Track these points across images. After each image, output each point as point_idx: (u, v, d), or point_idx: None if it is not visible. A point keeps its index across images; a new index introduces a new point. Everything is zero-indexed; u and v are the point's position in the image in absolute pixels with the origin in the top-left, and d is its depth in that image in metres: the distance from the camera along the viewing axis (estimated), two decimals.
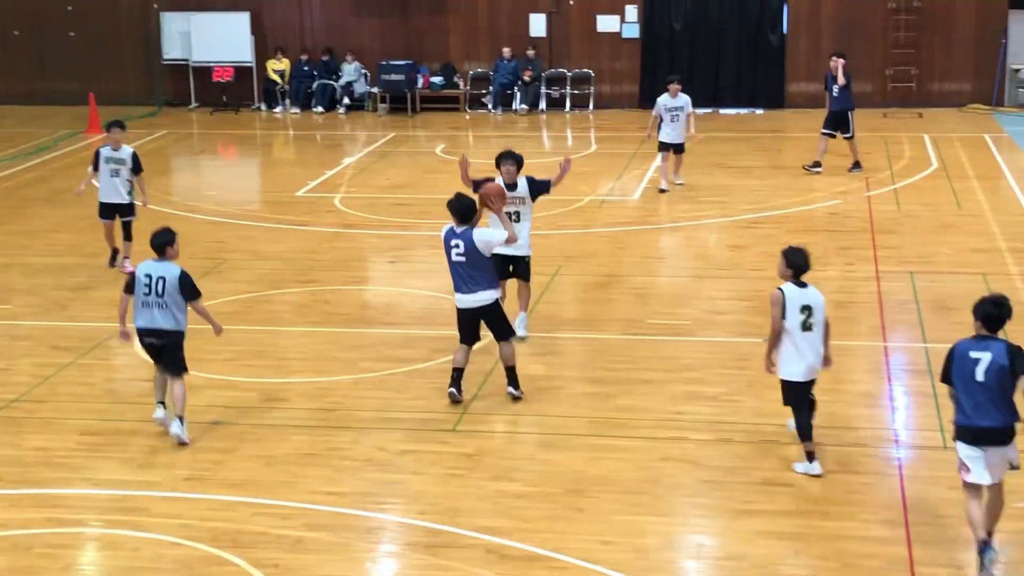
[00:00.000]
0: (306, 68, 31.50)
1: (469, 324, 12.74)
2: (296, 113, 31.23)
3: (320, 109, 31.22)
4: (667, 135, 21.62)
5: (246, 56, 31.73)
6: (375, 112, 30.82)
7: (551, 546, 9.92)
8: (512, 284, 14.46)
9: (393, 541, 10.29)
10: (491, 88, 30.91)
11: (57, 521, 10.51)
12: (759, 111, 30.15)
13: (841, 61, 22.55)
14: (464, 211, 12.50)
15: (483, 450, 11.72)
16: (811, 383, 11.08)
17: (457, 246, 12.51)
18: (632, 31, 30.71)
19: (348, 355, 14.30)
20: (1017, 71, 29.32)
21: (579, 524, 10.32)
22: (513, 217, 13.96)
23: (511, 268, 14.25)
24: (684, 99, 21.55)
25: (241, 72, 31.80)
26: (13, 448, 11.95)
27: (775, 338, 10.94)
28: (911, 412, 12.51)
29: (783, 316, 10.84)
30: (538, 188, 14.36)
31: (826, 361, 11.05)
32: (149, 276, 11.72)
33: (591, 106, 30.91)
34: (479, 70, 31.40)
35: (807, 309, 10.82)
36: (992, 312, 9.47)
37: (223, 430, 12.32)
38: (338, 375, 13.69)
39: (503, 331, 12.81)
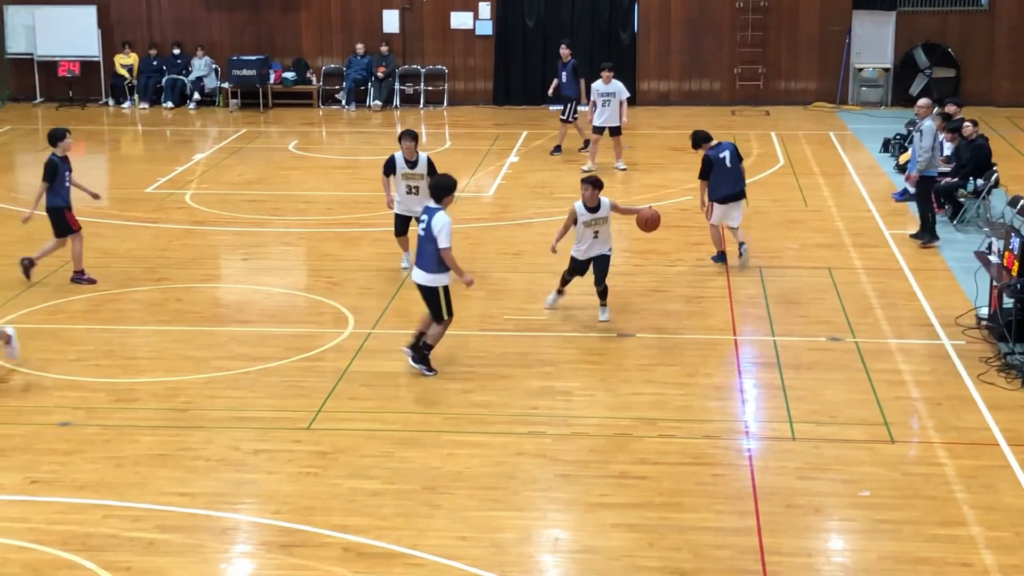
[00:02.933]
0: (155, 63, 30.96)
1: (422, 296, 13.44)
2: (145, 108, 30.69)
3: (170, 104, 30.72)
4: (599, 119, 22.73)
5: (93, 50, 31.08)
6: (226, 108, 30.44)
7: (408, 543, 9.92)
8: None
9: (248, 541, 10.18)
10: (344, 84, 30.72)
11: None
12: None
13: (568, 51, 24.57)
14: (439, 189, 13.18)
15: (338, 448, 11.67)
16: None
17: (423, 221, 13.16)
18: (485, 28, 30.77)
19: (200, 354, 14.11)
20: (860, 70, 30.03)
21: (436, 520, 10.33)
22: (413, 190, 16.06)
23: (406, 226, 16.33)
24: (616, 85, 22.71)
25: (88, 66, 31.14)
26: None
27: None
28: (761, 404, 12.76)
29: None
30: (433, 169, 15.89)
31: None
32: None
33: (445, 103, 30.90)
34: (332, 66, 31.18)
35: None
36: (705, 134, 17.08)
37: (71, 431, 12.08)
38: (190, 374, 13.50)
39: (437, 315, 13.32)
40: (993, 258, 14.69)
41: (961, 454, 11.48)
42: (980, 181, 19.22)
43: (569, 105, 24.36)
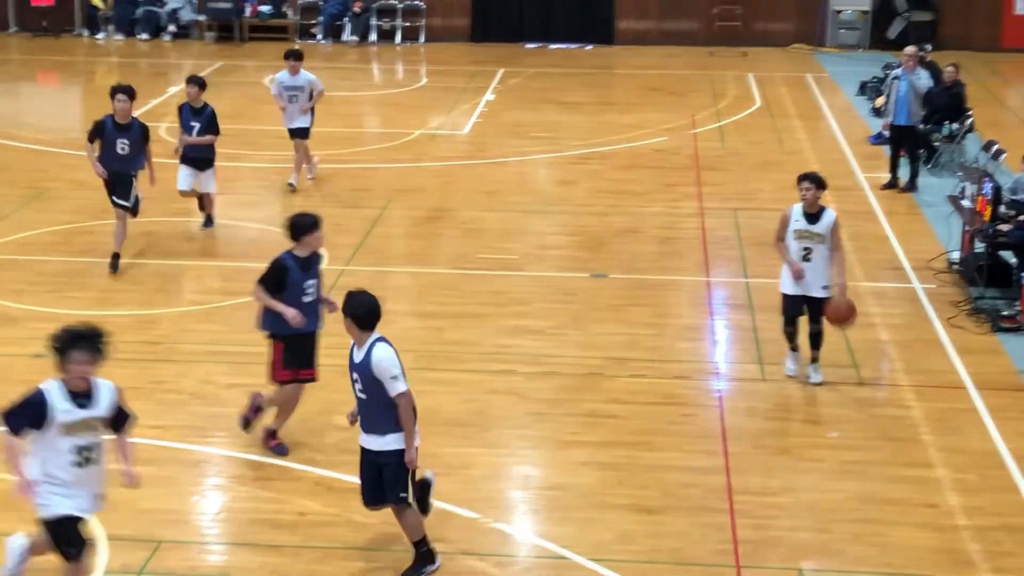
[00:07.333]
0: None
1: None
2: (120, 40, 30.42)
3: (145, 36, 30.45)
4: (286, 118, 17.71)
5: None
6: (202, 40, 30.20)
7: None
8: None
9: (220, 474, 10.23)
10: (321, 18, 30.52)
11: None
12: (588, 47, 30.32)
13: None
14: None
15: (311, 383, 11.67)
16: None
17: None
18: None
19: (174, 287, 14.10)
20: (839, 12, 29.98)
21: None
22: None
23: None
24: (306, 77, 17.57)
25: None
26: None
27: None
28: (731, 345, 12.84)
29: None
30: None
31: None
32: None
33: (422, 39, 30.71)
34: (308, 0, 30.96)
35: None
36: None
37: (45, 363, 12.02)
38: (163, 307, 13.50)
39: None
40: (966, 202, 14.76)
41: (929, 397, 11.59)
42: (955, 126, 19.27)
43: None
